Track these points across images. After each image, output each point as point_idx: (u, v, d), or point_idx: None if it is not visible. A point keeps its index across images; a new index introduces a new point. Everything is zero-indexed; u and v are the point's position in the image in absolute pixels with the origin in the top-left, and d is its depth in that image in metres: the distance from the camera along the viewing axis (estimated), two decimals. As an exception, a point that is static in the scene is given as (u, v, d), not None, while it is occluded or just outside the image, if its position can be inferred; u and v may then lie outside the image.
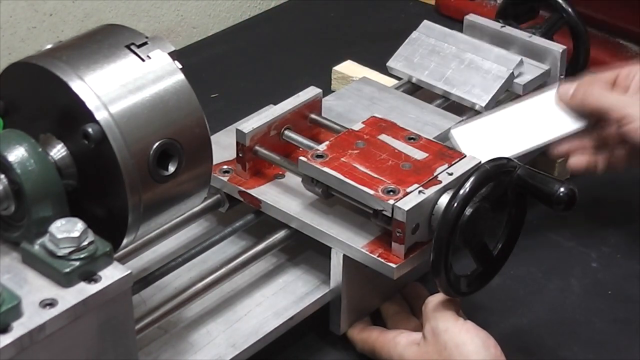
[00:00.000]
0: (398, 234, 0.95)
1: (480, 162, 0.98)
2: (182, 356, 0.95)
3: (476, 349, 0.92)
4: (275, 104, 1.09)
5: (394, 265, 0.95)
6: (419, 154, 1.01)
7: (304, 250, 1.07)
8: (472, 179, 0.93)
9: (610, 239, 1.19)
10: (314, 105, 1.10)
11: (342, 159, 1.00)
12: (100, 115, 0.82)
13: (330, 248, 1.00)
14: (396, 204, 0.95)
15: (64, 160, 0.85)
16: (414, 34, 1.26)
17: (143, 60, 0.86)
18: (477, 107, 1.19)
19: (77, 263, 0.81)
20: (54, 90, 0.83)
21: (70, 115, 0.83)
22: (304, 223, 1.01)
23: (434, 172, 0.99)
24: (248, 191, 1.05)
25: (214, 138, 0.92)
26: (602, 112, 1.09)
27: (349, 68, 1.39)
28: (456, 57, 1.22)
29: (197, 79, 0.89)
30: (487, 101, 1.18)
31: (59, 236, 0.81)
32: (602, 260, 1.16)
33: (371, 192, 0.96)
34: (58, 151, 0.85)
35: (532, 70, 1.23)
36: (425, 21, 1.27)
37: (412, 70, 1.23)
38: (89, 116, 0.82)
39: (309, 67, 1.49)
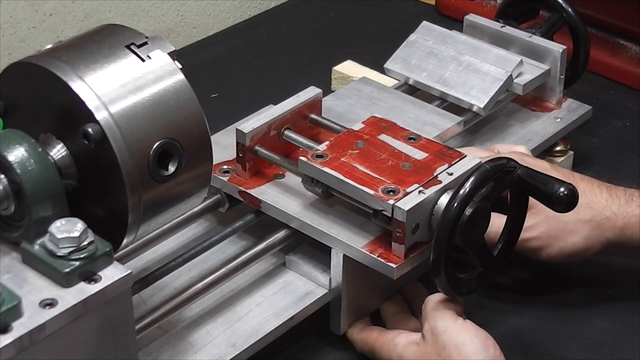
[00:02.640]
0: (398, 234, 0.95)
1: (480, 162, 0.98)
2: (182, 356, 0.95)
3: (475, 349, 0.92)
4: (275, 104, 1.09)
5: (394, 265, 0.95)
6: (419, 154, 1.01)
7: (303, 249, 1.07)
8: (472, 179, 0.93)
9: (610, 238, 1.19)
10: (314, 105, 1.10)
11: (342, 159, 1.00)
12: (100, 115, 0.82)
13: (330, 248, 1.00)
14: (396, 204, 0.95)
15: (64, 160, 0.85)
16: (412, 36, 1.26)
17: (143, 60, 0.86)
18: (475, 109, 1.19)
19: (77, 263, 0.81)
20: (54, 90, 0.83)
21: (70, 115, 0.83)
22: (304, 223, 1.01)
23: (434, 172, 0.99)
24: (248, 191, 1.05)
25: (214, 138, 0.92)
26: None
27: (349, 68, 1.39)
28: (454, 59, 1.22)
29: (197, 79, 0.89)
30: (485, 102, 1.18)
31: (59, 236, 0.81)
32: (602, 260, 1.15)
33: (371, 192, 0.96)
34: (58, 151, 0.85)
35: (532, 70, 1.23)
36: (424, 22, 1.27)
37: (409, 72, 1.23)
38: (89, 116, 0.82)
39: (309, 67, 1.49)
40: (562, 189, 0.93)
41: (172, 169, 0.86)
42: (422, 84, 1.22)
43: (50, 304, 0.80)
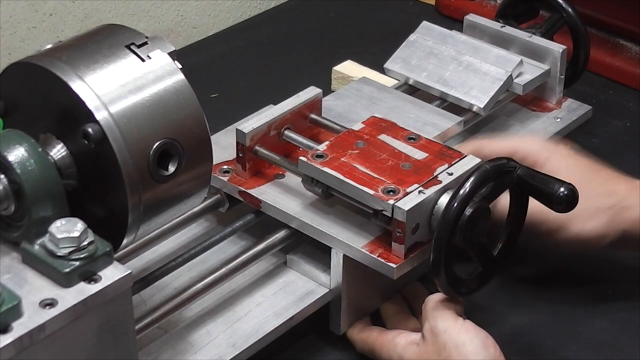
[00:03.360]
0: (398, 234, 0.95)
1: (480, 161, 0.98)
2: (182, 356, 0.95)
3: (475, 350, 0.92)
4: (275, 104, 1.09)
5: (394, 265, 0.96)
6: (419, 154, 1.01)
7: (304, 249, 1.07)
8: (472, 179, 0.93)
9: (610, 238, 1.19)
10: (314, 105, 1.10)
11: (342, 159, 1.00)
12: (100, 115, 0.82)
13: (330, 248, 1.00)
14: (396, 204, 0.95)
15: (64, 160, 0.85)
16: (412, 36, 1.26)
17: (143, 60, 0.86)
18: (475, 109, 1.19)
19: (77, 263, 0.81)
20: (54, 90, 0.83)
21: (70, 115, 0.83)
22: (304, 223, 1.01)
23: (434, 172, 0.99)
24: (248, 191, 1.05)
25: (214, 138, 0.92)
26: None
27: (349, 68, 1.39)
28: (454, 59, 1.22)
29: (197, 79, 0.89)
30: (485, 102, 1.18)
31: (59, 236, 0.81)
32: (602, 260, 1.15)
33: (371, 192, 0.96)
34: (58, 151, 0.85)
35: (532, 70, 1.23)
36: (424, 22, 1.27)
37: (409, 72, 1.23)
38: (89, 116, 0.82)
39: (309, 67, 1.49)
40: (562, 189, 0.93)
41: (172, 169, 0.86)
42: (422, 84, 1.22)
43: (50, 304, 0.80)
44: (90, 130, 0.81)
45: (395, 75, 1.25)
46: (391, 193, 0.96)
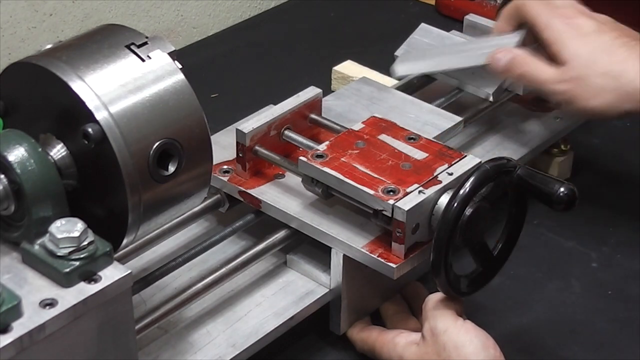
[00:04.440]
0: (398, 234, 0.95)
1: (480, 161, 0.98)
2: (182, 356, 0.95)
3: (475, 350, 0.92)
4: (275, 104, 1.09)
5: (394, 265, 0.96)
6: (419, 154, 1.01)
7: (304, 249, 1.07)
8: (472, 179, 0.93)
9: (610, 239, 1.19)
10: (314, 105, 1.10)
11: (342, 159, 1.00)
12: (100, 115, 0.82)
13: (330, 248, 1.00)
14: (396, 204, 0.95)
15: (64, 160, 0.85)
16: (410, 38, 1.26)
17: (143, 60, 0.86)
18: (484, 96, 1.18)
19: (77, 263, 0.81)
20: (54, 90, 0.83)
21: (70, 115, 0.83)
22: (304, 223, 1.01)
23: (434, 172, 0.99)
24: (248, 191, 1.05)
25: (214, 138, 0.92)
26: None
27: (349, 68, 1.39)
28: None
29: (197, 79, 0.89)
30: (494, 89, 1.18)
31: (59, 236, 0.81)
32: (602, 260, 1.16)
33: (371, 192, 0.96)
34: (58, 151, 0.85)
35: (532, 70, 1.23)
36: (422, 24, 1.27)
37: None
38: (89, 116, 0.82)
39: (309, 67, 1.49)
40: (562, 189, 0.93)
41: (172, 169, 0.86)
42: (438, 72, 1.21)
43: (50, 304, 0.80)
44: (90, 130, 0.81)
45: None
46: (391, 193, 0.96)
